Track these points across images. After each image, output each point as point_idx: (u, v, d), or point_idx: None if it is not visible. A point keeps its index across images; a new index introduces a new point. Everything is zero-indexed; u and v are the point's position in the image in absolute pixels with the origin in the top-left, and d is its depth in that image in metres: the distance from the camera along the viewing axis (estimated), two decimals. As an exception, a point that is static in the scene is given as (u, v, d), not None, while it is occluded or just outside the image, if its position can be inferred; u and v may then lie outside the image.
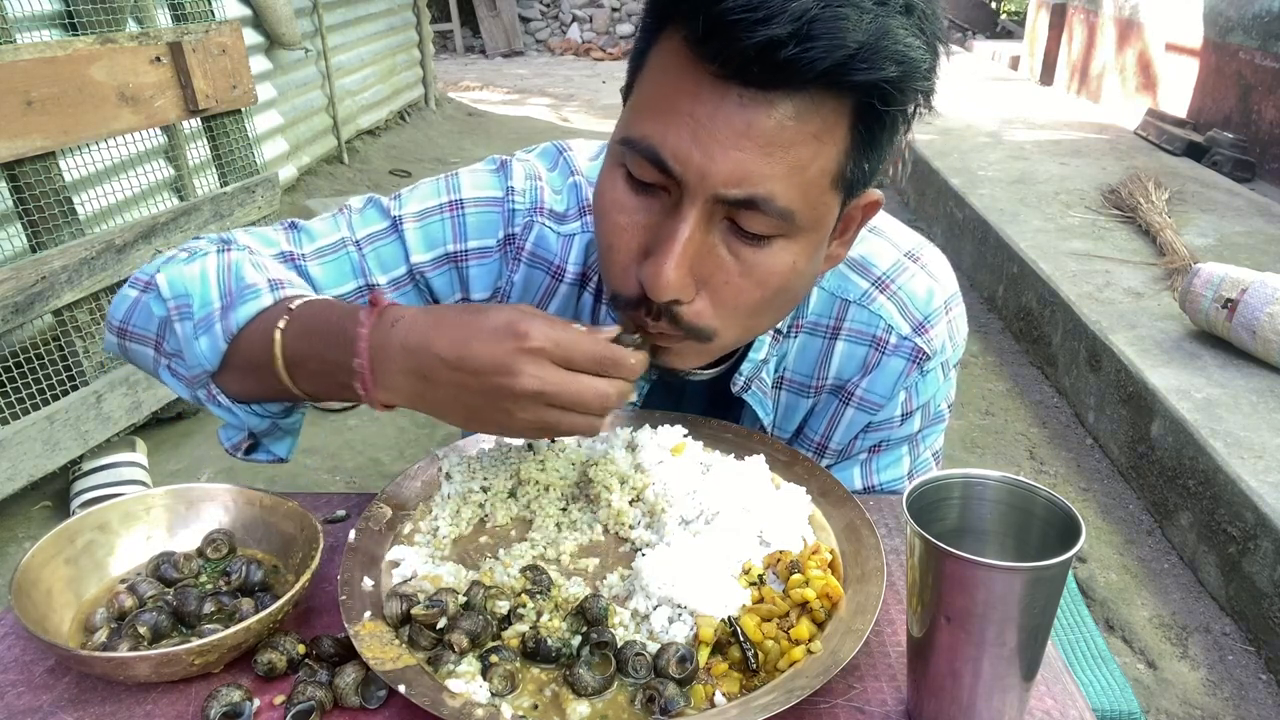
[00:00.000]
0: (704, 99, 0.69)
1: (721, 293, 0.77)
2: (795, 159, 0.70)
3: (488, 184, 0.98)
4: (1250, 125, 5.20)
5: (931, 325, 0.97)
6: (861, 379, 0.99)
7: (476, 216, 0.97)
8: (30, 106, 2.29)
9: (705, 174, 0.70)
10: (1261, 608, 2.20)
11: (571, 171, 1.01)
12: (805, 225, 0.75)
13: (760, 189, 0.70)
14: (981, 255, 4.41)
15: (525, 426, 0.71)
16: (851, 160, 0.74)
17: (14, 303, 2.28)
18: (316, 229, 0.98)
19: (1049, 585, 0.59)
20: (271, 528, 0.82)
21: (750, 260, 0.75)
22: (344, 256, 0.96)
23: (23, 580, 0.71)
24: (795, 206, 0.72)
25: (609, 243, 0.79)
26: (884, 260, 0.98)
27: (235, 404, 0.87)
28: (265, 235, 0.98)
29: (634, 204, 0.76)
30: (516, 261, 0.98)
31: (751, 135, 0.69)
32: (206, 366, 0.84)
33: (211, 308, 0.84)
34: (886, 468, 1.05)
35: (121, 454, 2.65)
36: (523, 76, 10.77)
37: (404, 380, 0.72)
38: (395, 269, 0.97)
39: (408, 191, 1.00)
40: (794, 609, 0.73)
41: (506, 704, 0.65)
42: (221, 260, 0.87)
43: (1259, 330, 2.75)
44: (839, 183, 0.75)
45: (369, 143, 6.49)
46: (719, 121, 0.69)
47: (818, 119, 0.70)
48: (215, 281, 0.85)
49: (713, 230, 0.74)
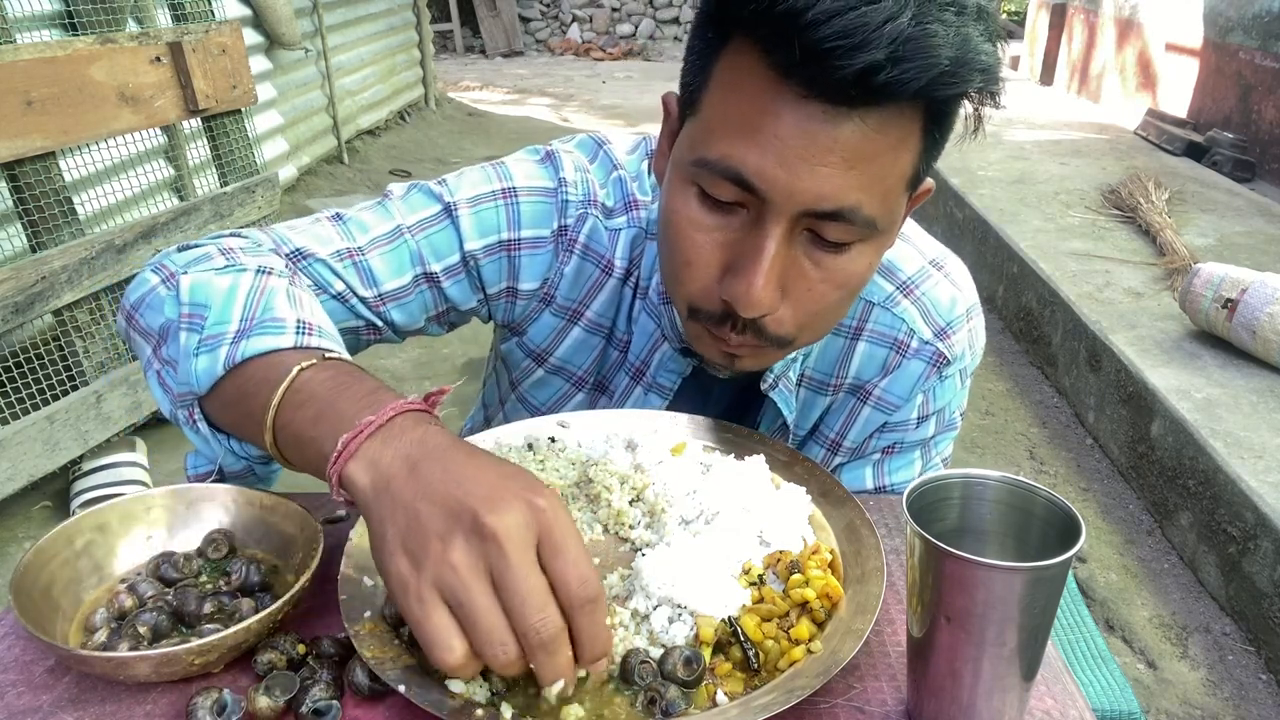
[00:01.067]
0: (786, 118, 0.68)
1: (804, 300, 0.77)
2: (878, 169, 0.71)
3: (539, 174, 0.97)
4: (1250, 125, 5.20)
5: (953, 331, 0.98)
6: (881, 379, 0.99)
7: (531, 205, 0.95)
8: (30, 106, 2.29)
9: (792, 192, 0.70)
10: (1261, 608, 2.20)
11: (614, 166, 1.00)
12: (883, 229, 0.76)
13: (847, 202, 0.71)
14: (981, 255, 4.41)
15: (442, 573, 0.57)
16: (923, 161, 0.75)
17: (14, 303, 2.28)
18: (366, 220, 0.94)
19: (1049, 585, 0.59)
20: (271, 528, 0.82)
21: (831, 267, 0.76)
22: (402, 245, 0.93)
23: (23, 580, 0.71)
24: (877, 214, 0.73)
25: (686, 259, 0.77)
26: (910, 266, 0.98)
27: (215, 434, 0.80)
28: (318, 234, 0.92)
29: (711, 221, 0.76)
30: (569, 253, 0.97)
31: (837, 150, 0.69)
32: (195, 388, 0.77)
33: (225, 329, 0.77)
34: (898, 470, 1.05)
35: (121, 454, 2.65)
36: (523, 76, 10.77)
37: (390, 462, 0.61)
38: (449, 256, 0.94)
39: (455, 178, 0.97)
40: (794, 609, 0.73)
41: (506, 704, 0.65)
42: (257, 283, 0.80)
43: (1259, 330, 2.75)
44: (911, 184, 0.76)
45: (369, 143, 6.49)
46: (804, 140, 0.68)
47: (897, 129, 0.70)
48: (241, 303, 0.78)
49: (794, 243, 0.75)
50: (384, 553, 0.60)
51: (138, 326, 0.85)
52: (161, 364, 0.82)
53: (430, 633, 0.57)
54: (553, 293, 0.99)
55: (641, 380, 1.02)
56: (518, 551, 0.56)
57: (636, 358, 1.01)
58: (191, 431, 0.81)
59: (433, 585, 0.57)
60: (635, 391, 1.03)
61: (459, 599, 0.57)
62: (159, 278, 0.85)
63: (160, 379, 0.82)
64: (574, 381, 1.06)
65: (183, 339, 0.78)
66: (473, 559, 0.57)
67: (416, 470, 0.60)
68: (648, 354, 1.00)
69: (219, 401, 0.78)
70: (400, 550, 0.59)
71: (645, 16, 12.93)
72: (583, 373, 1.05)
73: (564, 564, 0.58)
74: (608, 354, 1.04)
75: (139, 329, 0.85)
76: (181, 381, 0.78)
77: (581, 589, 0.58)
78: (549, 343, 1.03)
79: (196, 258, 0.85)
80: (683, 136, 0.79)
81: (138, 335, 0.85)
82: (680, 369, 1.00)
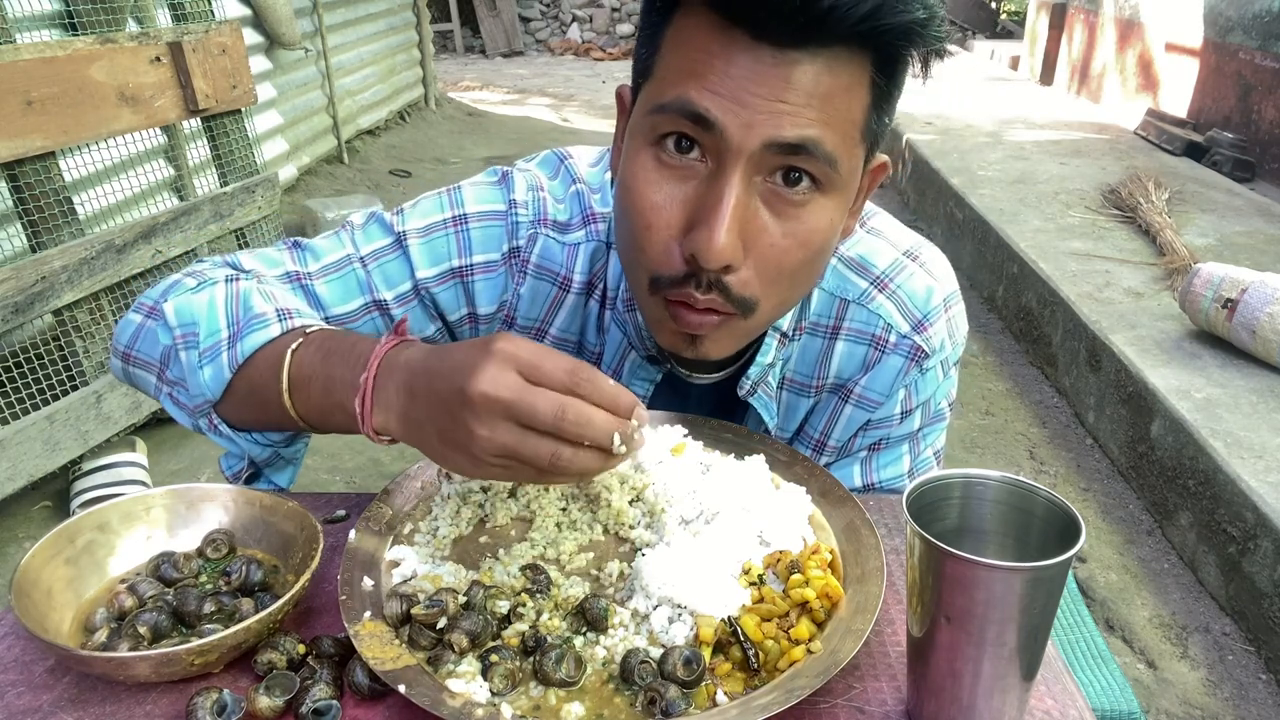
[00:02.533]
0: (738, 60, 0.71)
1: (767, 256, 0.77)
2: (833, 109, 0.73)
3: (490, 198, 0.98)
4: (1250, 125, 5.20)
5: (930, 323, 0.97)
6: (861, 377, 0.99)
7: (480, 231, 0.97)
8: (30, 106, 2.29)
9: (751, 125, 0.71)
10: (1261, 608, 2.20)
11: (573, 180, 1.00)
12: (843, 176, 0.76)
13: (810, 131, 0.72)
14: (981, 255, 4.41)
15: (485, 446, 0.66)
16: (873, 113, 0.76)
17: (14, 303, 2.28)
18: (320, 247, 0.98)
19: (1049, 585, 0.59)
20: (271, 528, 0.82)
21: (792, 219, 0.76)
22: (350, 273, 0.96)
23: (23, 580, 0.71)
24: (838, 153, 0.74)
25: (646, 222, 0.77)
26: (883, 259, 0.98)
27: (236, 433, 0.87)
28: (269, 256, 0.97)
29: (669, 181, 0.76)
30: (522, 274, 0.98)
31: (791, 89, 0.71)
32: (209, 396, 0.84)
33: (218, 337, 0.84)
34: (886, 465, 1.05)
35: (121, 454, 2.65)
36: (523, 76, 10.77)
37: (396, 397, 0.71)
38: (401, 285, 0.97)
39: (410, 207, 0.99)
40: (794, 609, 0.73)
41: (506, 704, 0.65)
42: (230, 289, 0.87)
43: (1259, 330, 2.75)
44: (865, 135, 0.77)
45: (369, 143, 6.49)
46: (757, 80, 0.70)
47: (845, 73, 0.72)
48: (223, 310, 0.85)
49: (753, 194, 0.75)
50: (442, 460, 0.72)
51: (137, 362, 0.91)
52: (170, 386, 0.88)
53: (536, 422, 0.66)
54: (513, 315, 1.00)
55: None
56: (509, 391, 0.65)
57: (608, 368, 1.02)
58: (215, 436, 0.87)
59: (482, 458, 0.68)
60: None
61: (502, 451, 0.66)
62: (141, 315, 0.92)
63: (174, 400, 0.89)
64: None
65: (184, 358, 0.85)
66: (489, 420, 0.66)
67: (414, 390, 0.70)
68: (618, 363, 1.01)
69: (233, 403, 0.85)
70: (448, 451, 0.70)
71: (645, 16, 12.92)
72: None
73: (546, 370, 0.66)
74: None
75: (139, 364, 0.91)
76: (195, 395, 0.85)
77: (569, 375, 0.67)
78: None
79: (168, 286, 0.92)
80: (637, 108, 0.79)
81: (139, 370, 0.92)
82: (651, 376, 1.01)
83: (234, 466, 0.92)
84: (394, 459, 2.94)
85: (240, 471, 0.92)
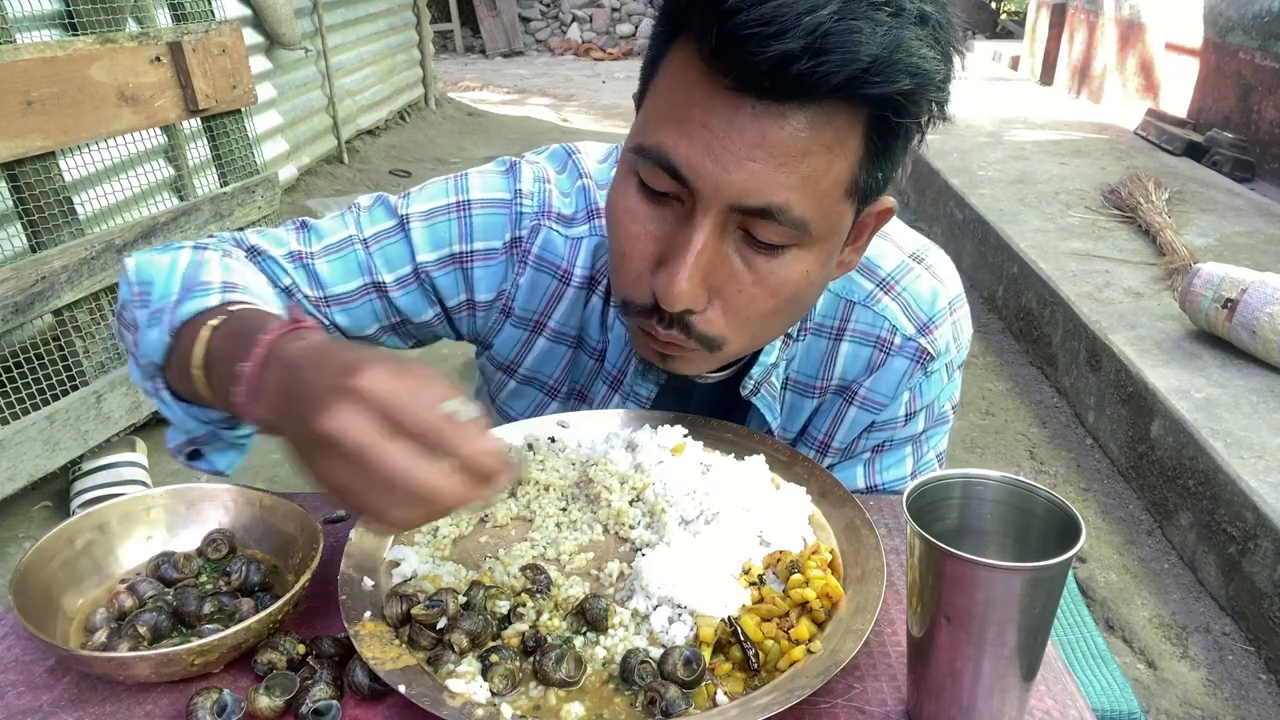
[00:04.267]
0: (718, 110, 0.69)
1: (734, 301, 0.77)
2: (809, 170, 0.70)
3: (496, 186, 0.98)
4: (1250, 125, 5.20)
5: (936, 326, 0.97)
6: (866, 379, 0.99)
7: (483, 218, 0.97)
8: (30, 106, 2.29)
9: (719, 184, 0.70)
10: (1261, 608, 2.20)
11: (580, 174, 1.00)
12: (819, 235, 0.75)
13: (775, 199, 0.71)
14: (981, 255, 4.41)
15: (325, 479, 0.58)
16: (865, 170, 0.74)
17: (14, 303, 2.28)
18: (325, 227, 0.98)
19: (1049, 585, 0.59)
20: (271, 528, 0.82)
21: (764, 270, 0.76)
22: (350, 254, 0.96)
23: (23, 580, 0.71)
24: (810, 216, 0.72)
25: (621, 250, 0.79)
26: (889, 262, 0.98)
27: (176, 402, 0.82)
28: (276, 235, 0.97)
29: (647, 213, 0.77)
30: (522, 264, 0.98)
31: (765, 146, 0.69)
32: (154, 359, 0.81)
33: (167, 300, 0.81)
34: (890, 467, 1.05)
35: (121, 454, 2.65)
36: (523, 76, 10.77)
37: (271, 396, 0.64)
38: (401, 267, 0.97)
39: (417, 191, 0.99)
40: (794, 609, 0.73)
41: (506, 704, 0.65)
42: (194, 256, 0.86)
43: (1259, 330, 2.75)
44: (853, 192, 0.75)
45: (369, 143, 6.49)
46: (733, 133, 0.69)
47: (831, 130, 0.70)
48: (180, 275, 0.83)
49: (726, 240, 0.75)
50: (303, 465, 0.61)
51: (123, 320, 0.90)
52: (135, 345, 0.86)
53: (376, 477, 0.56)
54: (510, 304, 1.00)
55: (619, 388, 1.02)
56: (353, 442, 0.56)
57: (614, 365, 1.02)
58: (160, 402, 0.83)
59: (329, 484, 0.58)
60: (614, 400, 1.03)
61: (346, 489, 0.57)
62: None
63: (135, 359, 0.86)
64: (546, 391, 1.07)
65: (138, 316, 0.83)
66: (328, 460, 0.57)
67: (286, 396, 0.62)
68: (624, 362, 1.01)
69: (173, 369, 0.80)
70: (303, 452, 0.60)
71: (645, 16, 12.93)
72: (554, 382, 1.06)
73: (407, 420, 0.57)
74: (580, 362, 1.04)
75: (124, 322, 0.90)
76: (144, 354, 0.81)
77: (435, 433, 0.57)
78: (515, 354, 1.04)
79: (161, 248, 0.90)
80: (632, 128, 0.80)
81: (123, 328, 0.91)
82: (656, 377, 1.01)
83: (176, 439, 0.87)
84: (394, 459, 2.93)
85: (182, 445, 0.87)
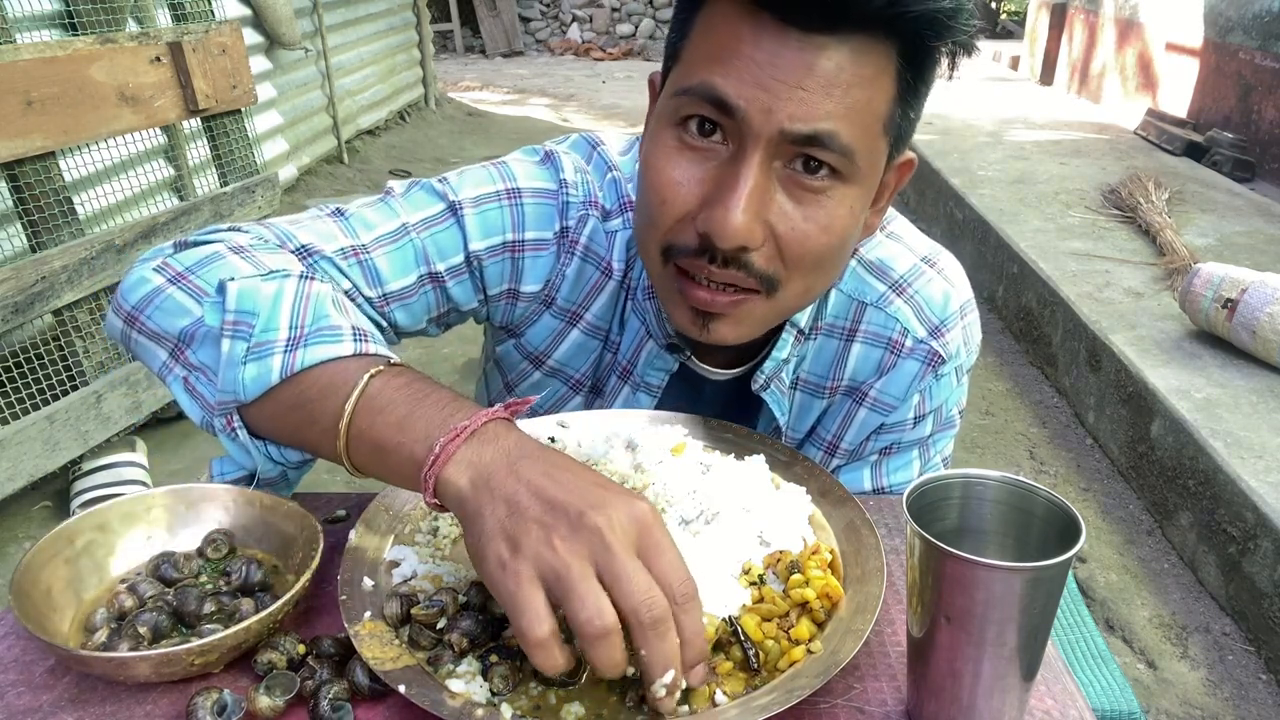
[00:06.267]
0: (764, 45, 0.71)
1: (789, 239, 0.77)
2: (854, 100, 0.72)
3: (541, 175, 0.97)
4: (1250, 125, 5.20)
5: (947, 329, 0.98)
6: (876, 380, 0.99)
7: (534, 207, 0.95)
8: (30, 106, 2.29)
9: (771, 110, 0.72)
10: (1261, 608, 2.20)
11: (609, 167, 0.99)
12: (863, 169, 0.76)
13: (824, 125, 0.72)
14: (981, 255, 4.41)
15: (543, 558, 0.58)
16: (900, 108, 0.76)
17: (14, 303, 2.28)
18: (369, 217, 0.92)
19: (1049, 585, 0.59)
20: (271, 528, 0.82)
21: (813, 205, 0.76)
22: (407, 244, 0.91)
23: (23, 580, 0.71)
24: (856, 146, 0.74)
25: (662, 198, 0.78)
26: (901, 264, 0.98)
27: (254, 441, 0.78)
28: (318, 229, 0.90)
29: (689, 160, 0.77)
30: (570, 255, 0.97)
31: (814, 75, 0.71)
32: (240, 396, 0.75)
33: (275, 336, 0.74)
34: (897, 470, 1.05)
35: (121, 454, 2.65)
36: (523, 76, 10.76)
37: (488, 460, 0.63)
38: (454, 256, 0.93)
39: (455, 176, 0.96)
40: (794, 609, 0.73)
41: (506, 704, 0.65)
42: (302, 288, 0.78)
43: (1259, 330, 2.75)
44: (889, 129, 0.77)
45: (369, 143, 6.49)
46: (780, 64, 0.71)
47: (871, 62, 0.72)
48: (289, 309, 0.76)
49: (773, 178, 0.75)
50: (482, 539, 0.60)
51: (144, 329, 0.82)
52: (190, 370, 0.80)
53: (522, 601, 0.57)
54: (554, 295, 0.99)
55: (629, 379, 1.02)
56: (620, 543, 0.58)
57: (624, 357, 1.01)
58: (228, 439, 0.78)
59: (532, 563, 0.58)
60: (624, 391, 1.02)
61: (558, 574, 0.57)
62: (163, 278, 0.82)
63: (189, 385, 0.80)
64: (571, 384, 1.05)
65: (225, 346, 0.75)
66: (576, 545, 0.58)
67: (517, 468, 0.62)
68: (634, 353, 1.00)
69: (268, 410, 0.76)
70: (500, 536, 0.60)
71: (645, 16, 12.93)
72: (580, 375, 1.05)
73: (666, 563, 0.60)
74: (603, 356, 1.04)
75: (146, 332, 0.82)
76: (224, 390, 0.76)
77: (683, 586, 0.60)
78: (547, 345, 1.02)
79: (205, 257, 0.82)
80: (664, 91, 0.80)
81: (144, 338, 0.82)
82: (667, 366, 1.00)
83: (229, 474, 0.82)
84: (394, 459, 2.93)
85: (236, 481, 0.83)
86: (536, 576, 0.58)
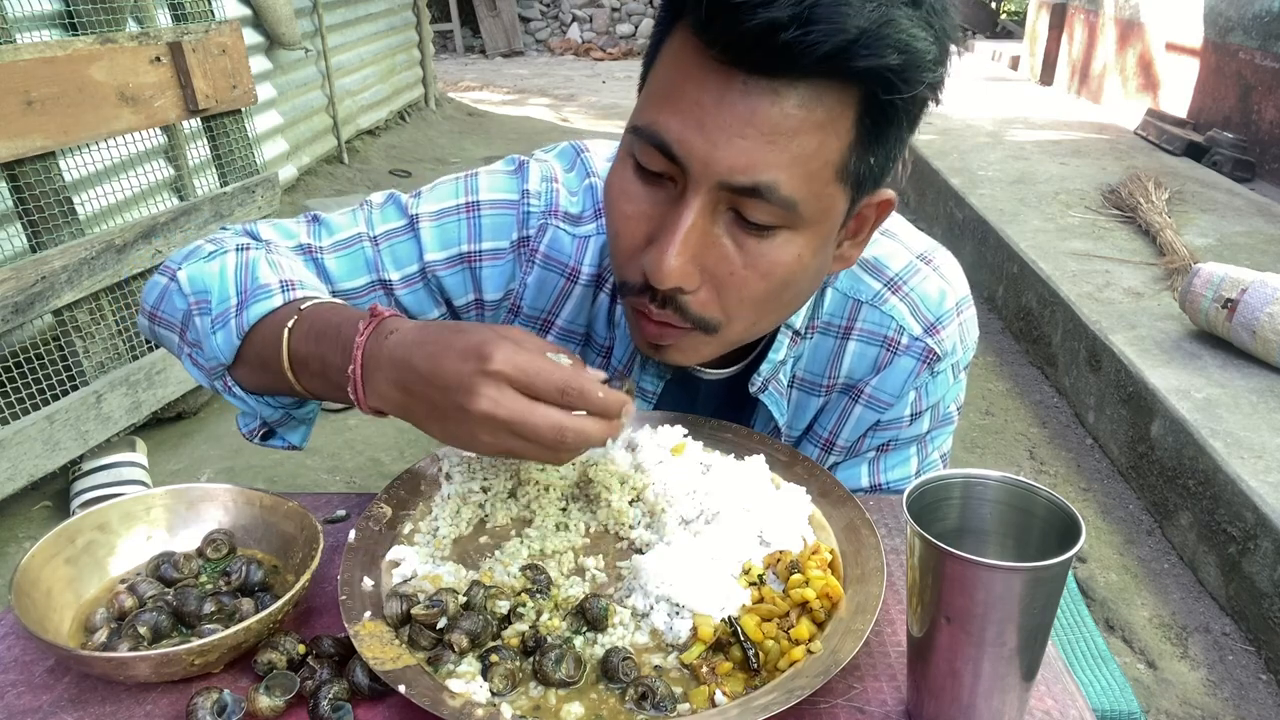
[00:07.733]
0: (709, 86, 0.70)
1: (726, 284, 0.77)
2: (799, 148, 0.71)
3: (504, 186, 0.99)
4: (1250, 125, 5.20)
5: (943, 326, 0.98)
6: (872, 378, 0.99)
7: (491, 219, 0.98)
8: (30, 106, 2.29)
9: (709, 161, 0.71)
10: (1261, 608, 2.20)
11: (588, 173, 1.01)
12: (810, 217, 0.75)
13: (764, 177, 0.71)
14: (981, 255, 4.41)
15: (488, 448, 0.70)
16: (856, 154, 0.74)
17: (14, 303, 2.28)
18: (336, 223, 1.00)
19: (1049, 585, 0.59)
20: (271, 528, 0.82)
21: (754, 251, 0.76)
22: (359, 251, 0.98)
23: (23, 580, 0.71)
24: (799, 196, 0.73)
25: (615, 231, 0.80)
26: (897, 262, 0.98)
27: (249, 395, 0.89)
28: (286, 228, 0.99)
29: (641, 193, 0.78)
30: (530, 263, 0.99)
31: (755, 123, 0.70)
32: (222, 360, 0.86)
33: (228, 304, 0.86)
34: (894, 467, 1.05)
35: (121, 454, 2.65)
36: (523, 76, 10.77)
37: (389, 390, 0.73)
38: (408, 266, 0.98)
39: (428, 190, 1.01)
40: (794, 609, 0.73)
41: (506, 704, 0.65)
42: (240, 259, 0.89)
43: (1259, 330, 2.75)
44: (845, 176, 0.75)
45: (369, 143, 6.49)
46: (724, 109, 0.70)
47: (821, 109, 0.70)
48: (233, 279, 0.88)
49: (717, 221, 0.75)
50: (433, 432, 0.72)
51: (162, 322, 0.95)
52: (190, 347, 0.92)
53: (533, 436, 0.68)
54: (519, 303, 1.01)
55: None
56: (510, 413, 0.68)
57: (619, 362, 1.02)
58: (230, 396, 0.90)
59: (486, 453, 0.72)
60: None
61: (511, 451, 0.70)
62: (166, 279, 0.95)
63: (193, 360, 0.92)
64: None
65: (198, 323, 0.88)
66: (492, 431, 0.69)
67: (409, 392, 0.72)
68: (629, 358, 1.01)
69: (244, 367, 0.87)
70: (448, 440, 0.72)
71: (645, 16, 12.93)
72: None
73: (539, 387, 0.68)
74: (588, 360, 1.04)
75: (163, 324, 0.95)
76: (210, 358, 0.88)
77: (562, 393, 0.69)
78: None
79: (188, 252, 0.95)
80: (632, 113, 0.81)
81: (164, 330, 0.95)
82: (661, 373, 1.01)
83: (249, 424, 0.95)
84: (394, 459, 2.94)
85: (256, 429, 0.95)
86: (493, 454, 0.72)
